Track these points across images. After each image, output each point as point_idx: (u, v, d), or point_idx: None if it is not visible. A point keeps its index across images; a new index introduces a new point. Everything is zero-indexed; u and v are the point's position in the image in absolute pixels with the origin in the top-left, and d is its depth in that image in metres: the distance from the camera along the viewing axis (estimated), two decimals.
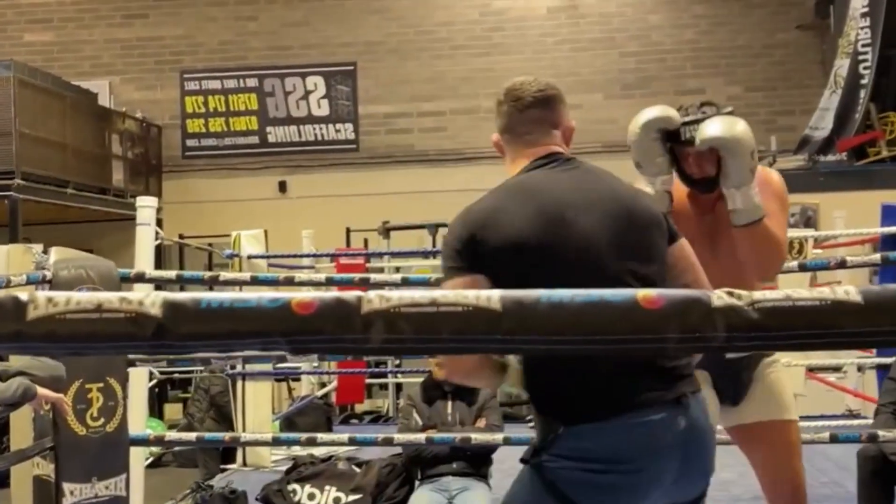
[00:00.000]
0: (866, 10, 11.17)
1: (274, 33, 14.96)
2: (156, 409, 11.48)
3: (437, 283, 4.60)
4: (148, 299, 1.07)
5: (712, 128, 3.05)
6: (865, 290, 1.03)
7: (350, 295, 1.06)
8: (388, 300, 1.06)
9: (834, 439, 4.43)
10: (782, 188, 3.28)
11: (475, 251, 2.31)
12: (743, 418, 3.25)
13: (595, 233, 2.32)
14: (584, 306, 1.04)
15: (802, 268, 4.93)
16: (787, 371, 3.43)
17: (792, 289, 1.04)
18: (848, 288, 1.03)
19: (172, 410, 12.58)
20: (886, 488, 4.86)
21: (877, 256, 4.84)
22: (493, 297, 1.06)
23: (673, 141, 3.22)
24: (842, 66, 11.61)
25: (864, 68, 11.19)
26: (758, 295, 1.04)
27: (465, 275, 2.30)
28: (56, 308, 1.06)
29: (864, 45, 11.21)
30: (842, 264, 4.43)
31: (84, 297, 1.07)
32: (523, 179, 2.47)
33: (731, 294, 1.04)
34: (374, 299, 1.06)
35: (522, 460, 2.34)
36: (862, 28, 11.21)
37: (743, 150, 3.03)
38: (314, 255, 9.97)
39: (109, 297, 1.07)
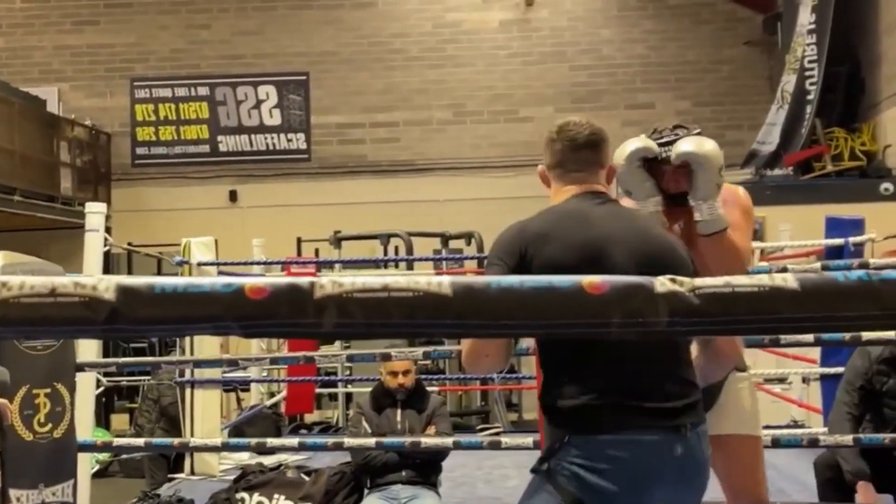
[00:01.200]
0: (813, 27, 11.36)
1: (226, 42, 14.91)
2: (102, 420, 11.35)
3: None
4: (102, 284, 1.08)
5: (685, 145, 3.34)
6: (803, 277, 1.06)
7: (303, 280, 1.08)
8: (340, 285, 1.08)
9: (776, 443, 4.51)
10: (748, 203, 3.57)
11: (520, 265, 2.52)
12: (709, 429, 3.34)
13: (625, 268, 2.50)
14: (532, 291, 1.07)
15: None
16: (752, 388, 3.53)
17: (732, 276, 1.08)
18: (786, 275, 1.07)
19: (119, 421, 12.44)
20: (845, 495, 4.93)
21: (817, 265, 4.94)
22: (443, 282, 1.08)
23: (651, 161, 3.50)
24: (788, 81, 11.79)
25: (811, 84, 11.38)
26: (699, 281, 1.07)
27: None
28: (10, 292, 1.06)
29: (810, 62, 11.40)
30: (783, 270, 4.52)
31: (38, 282, 1.08)
32: (573, 208, 2.67)
33: (673, 280, 1.07)
34: (326, 284, 1.08)
35: (532, 470, 2.52)
36: (808, 45, 11.40)
37: (711, 165, 3.29)
38: (265, 263, 9.93)
39: (63, 282, 1.08)
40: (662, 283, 1.07)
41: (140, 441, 5.46)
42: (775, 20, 12.94)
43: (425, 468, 5.92)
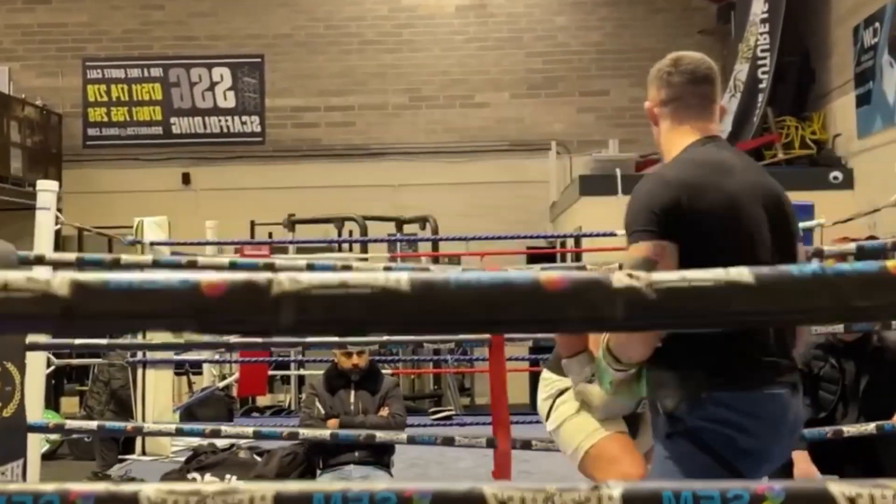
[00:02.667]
0: (766, 16, 11.46)
1: (181, 23, 14.76)
2: (52, 402, 11.23)
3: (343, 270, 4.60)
4: (55, 280, 1.07)
5: None
6: (758, 271, 1.08)
7: (260, 276, 1.07)
8: (298, 282, 1.07)
9: None
10: None
11: (677, 216, 2.38)
12: (639, 448, 3.29)
13: (761, 218, 2.48)
14: (490, 288, 1.07)
15: None
16: None
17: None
18: (741, 270, 1.08)
19: (69, 404, 12.31)
20: (783, 472, 5.00)
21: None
22: (401, 278, 1.08)
23: None
24: (741, 70, 11.89)
25: (763, 73, 11.48)
26: (655, 276, 1.08)
27: (657, 239, 2.38)
28: None
29: (762, 51, 11.50)
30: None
31: None
32: (711, 157, 2.55)
33: (630, 276, 1.08)
34: (283, 281, 1.07)
35: (668, 434, 2.42)
36: (761, 34, 11.50)
37: None
38: (219, 244, 9.88)
39: (16, 277, 1.07)
40: (619, 279, 1.08)
41: (93, 424, 5.41)
42: (729, 10, 13.04)
43: (378, 449, 5.94)
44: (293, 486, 1.05)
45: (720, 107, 2.67)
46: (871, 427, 4.43)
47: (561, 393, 3.27)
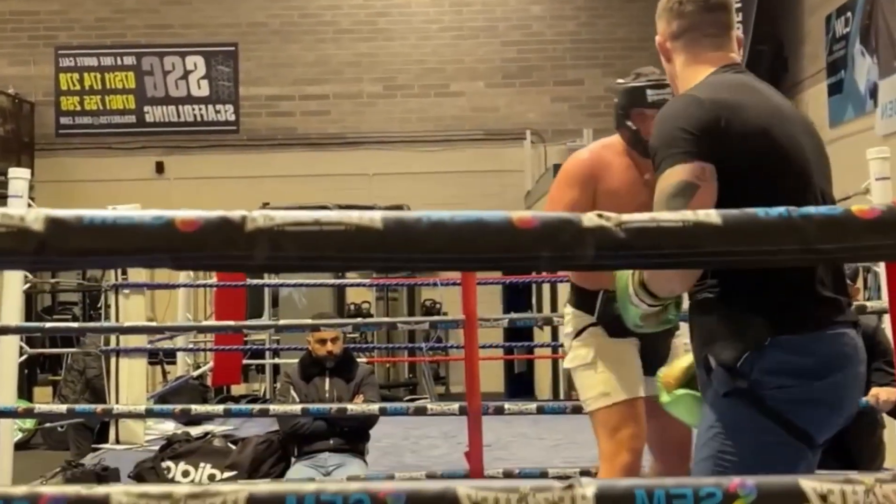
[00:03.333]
0: (739, 5, 11.50)
1: (154, 11, 14.68)
2: (25, 392, 11.17)
3: None
4: (30, 215, 1.07)
5: None
6: (725, 212, 1.10)
7: (234, 213, 1.08)
8: (272, 219, 1.08)
9: None
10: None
11: (718, 135, 2.17)
12: (650, 390, 3.33)
13: (799, 139, 2.30)
14: (463, 226, 1.08)
15: None
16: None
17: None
18: (709, 211, 1.10)
19: (42, 394, 12.24)
20: None
21: None
22: (374, 217, 1.09)
23: (639, 105, 3.48)
24: None
25: None
26: (625, 217, 1.09)
27: (695, 161, 2.15)
28: None
29: None
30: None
31: None
32: (738, 80, 2.35)
33: (600, 216, 1.09)
34: (258, 218, 1.08)
35: (726, 393, 2.18)
36: (735, 23, 11.56)
37: None
38: None
39: None
40: (590, 219, 1.09)
41: (63, 408, 5.40)
42: None
43: (353, 436, 5.94)
44: (265, 488, 1.05)
45: (737, 36, 2.48)
46: None
47: (579, 332, 3.56)
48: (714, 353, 2.21)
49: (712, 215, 1.09)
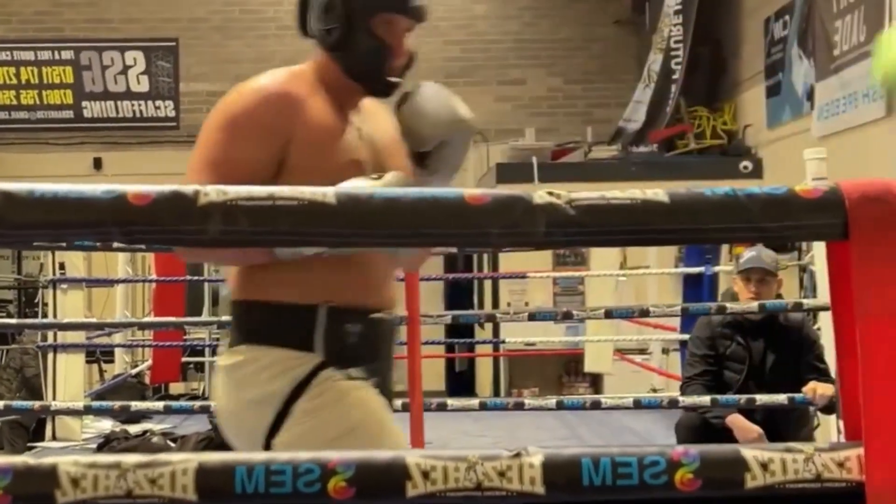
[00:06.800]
0: (679, 8, 11.66)
1: (93, 5, 14.48)
2: None
3: None
4: None
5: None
6: (672, 191, 1.12)
7: (187, 188, 1.08)
8: (225, 193, 1.08)
9: (637, 404, 4.66)
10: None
11: None
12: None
13: None
14: (416, 202, 1.10)
15: None
16: None
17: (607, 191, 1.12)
18: (657, 190, 1.12)
19: None
20: None
21: None
22: (328, 192, 1.10)
23: (389, 9, 2.42)
24: (655, 61, 12.08)
25: (676, 64, 11.68)
26: (575, 194, 1.11)
27: None
28: None
29: (676, 42, 11.70)
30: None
31: None
32: None
33: (550, 194, 1.11)
34: (210, 192, 1.09)
35: None
36: (675, 25, 11.70)
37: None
38: None
39: None
40: (541, 196, 1.11)
41: None
42: (643, 1, 13.24)
43: None
44: (216, 458, 1.05)
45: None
46: (781, 398, 4.55)
47: (300, 388, 2.20)
48: None
49: (661, 194, 1.12)
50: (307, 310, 2.09)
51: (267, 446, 2.10)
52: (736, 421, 4.90)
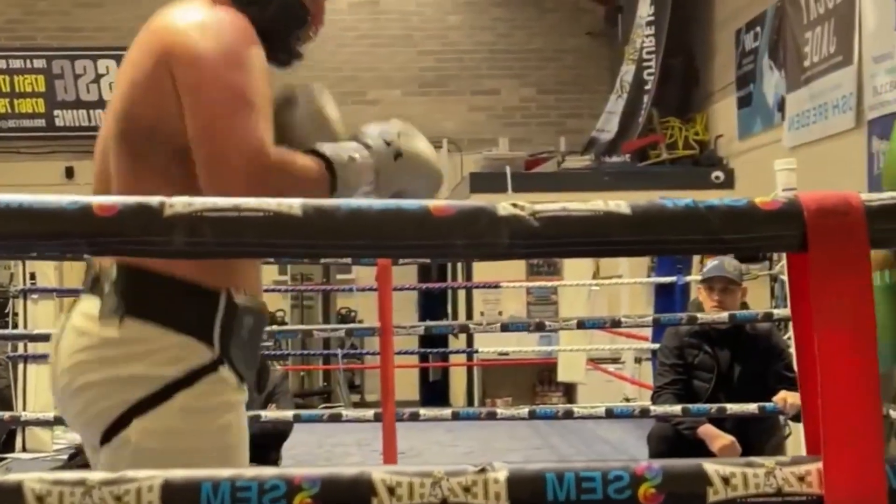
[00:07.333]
0: (651, 19, 11.74)
1: (65, 14, 14.43)
2: None
3: None
4: None
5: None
6: (634, 203, 1.13)
7: (153, 199, 1.09)
8: (190, 205, 1.09)
9: (609, 414, 4.68)
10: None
11: None
12: None
13: None
14: (381, 213, 1.11)
15: None
16: None
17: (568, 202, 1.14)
18: (619, 202, 1.14)
19: None
20: None
21: None
22: (293, 203, 1.11)
23: None
24: (627, 71, 12.16)
25: (648, 75, 11.76)
26: (539, 206, 1.13)
27: None
28: None
29: (648, 53, 11.78)
30: None
31: None
32: None
33: (514, 206, 1.13)
34: (176, 204, 1.09)
35: None
36: (647, 36, 11.78)
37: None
38: None
39: None
40: (505, 208, 1.12)
41: None
42: (616, 12, 13.32)
43: (262, 446, 5.90)
44: (181, 474, 1.06)
45: None
46: (752, 407, 4.58)
47: (180, 384, 1.89)
48: None
49: (622, 206, 1.13)
50: (209, 293, 1.84)
51: (119, 424, 1.80)
52: (708, 431, 4.93)
